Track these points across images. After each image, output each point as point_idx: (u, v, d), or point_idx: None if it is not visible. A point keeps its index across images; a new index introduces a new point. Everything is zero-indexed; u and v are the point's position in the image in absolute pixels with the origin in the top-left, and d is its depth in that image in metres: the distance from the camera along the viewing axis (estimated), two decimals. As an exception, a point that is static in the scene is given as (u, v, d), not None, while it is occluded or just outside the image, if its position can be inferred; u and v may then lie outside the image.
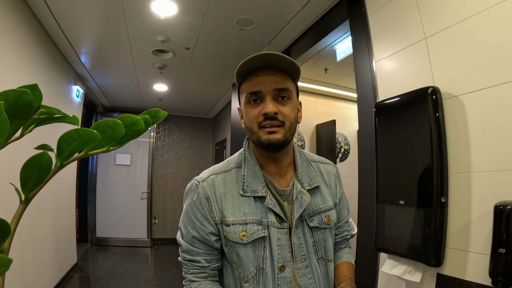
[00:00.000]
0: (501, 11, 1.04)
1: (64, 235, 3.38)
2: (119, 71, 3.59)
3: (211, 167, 0.84)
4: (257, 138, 0.74)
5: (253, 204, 0.75)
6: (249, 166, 0.79)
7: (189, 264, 0.78)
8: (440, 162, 1.18)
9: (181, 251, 0.80)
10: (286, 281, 0.73)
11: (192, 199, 0.78)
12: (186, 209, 0.80)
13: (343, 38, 2.62)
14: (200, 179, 0.79)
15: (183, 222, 0.80)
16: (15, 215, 0.31)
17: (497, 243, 0.94)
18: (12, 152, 1.88)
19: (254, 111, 0.74)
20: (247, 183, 0.76)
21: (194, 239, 0.77)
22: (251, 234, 0.72)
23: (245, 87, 0.76)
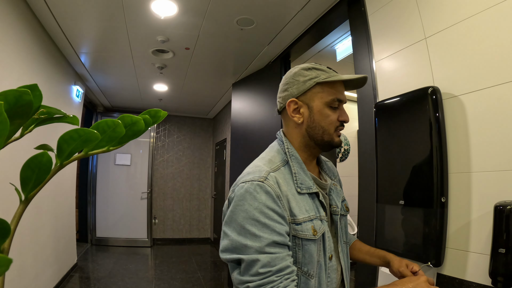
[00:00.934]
0: (501, 11, 1.04)
1: (64, 235, 3.38)
2: (119, 71, 3.59)
3: (257, 166, 0.77)
4: (331, 138, 0.82)
5: (309, 200, 0.78)
6: (295, 163, 0.81)
7: (275, 278, 0.65)
8: (440, 162, 1.18)
9: (261, 267, 0.65)
10: (333, 269, 0.79)
11: (258, 201, 0.69)
12: (251, 215, 0.68)
13: (343, 38, 2.62)
14: (262, 178, 0.72)
15: (248, 234, 0.67)
16: (15, 215, 0.31)
17: (497, 243, 0.94)
18: (12, 152, 1.88)
19: (334, 115, 0.81)
20: (300, 180, 0.78)
21: (274, 244, 0.67)
22: (319, 230, 0.75)
23: (332, 91, 0.81)
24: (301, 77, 0.82)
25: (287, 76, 0.86)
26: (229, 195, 0.76)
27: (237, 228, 0.69)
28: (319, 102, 0.80)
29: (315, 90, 0.81)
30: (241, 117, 3.36)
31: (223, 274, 4.00)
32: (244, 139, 3.25)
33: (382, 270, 1.41)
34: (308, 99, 0.81)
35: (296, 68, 0.84)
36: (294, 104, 0.82)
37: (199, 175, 6.09)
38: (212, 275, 3.98)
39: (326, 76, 0.80)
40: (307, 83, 0.81)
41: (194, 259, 4.69)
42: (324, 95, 0.80)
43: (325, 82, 0.80)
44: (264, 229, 0.67)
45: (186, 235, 5.89)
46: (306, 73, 0.81)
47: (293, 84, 0.82)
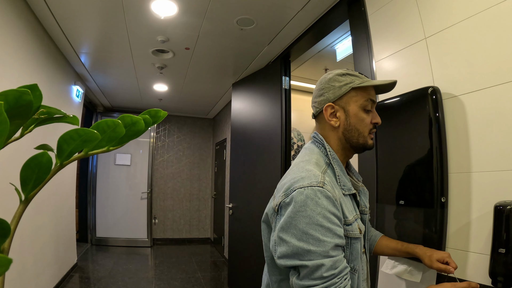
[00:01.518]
0: (501, 11, 1.04)
1: (64, 235, 3.38)
2: (119, 71, 3.59)
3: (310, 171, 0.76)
4: (365, 141, 0.86)
5: (350, 201, 0.83)
6: (337, 166, 0.84)
7: (337, 280, 0.68)
8: (440, 162, 1.18)
9: (325, 271, 0.67)
10: (364, 262, 0.87)
11: (321, 206, 0.70)
12: (314, 221, 0.68)
13: (343, 38, 2.62)
14: (321, 183, 0.72)
15: (311, 239, 0.68)
16: (15, 215, 0.31)
17: (497, 243, 0.94)
18: (12, 152, 1.88)
19: (368, 118, 0.86)
20: (342, 182, 0.82)
21: (335, 247, 0.70)
22: (361, 228, 0.82)
23: (365, 95, 0.86)
24: (336, 83, 0.86)
25: (322, 81, 0.90)
26: (281, 200, 0.75)
27: (297, 234, 0.69)
28: (355, 105, 0.85)
29: (350, 95, 0.85)
30: (241, 117, 3.36)
31: (223, 274, 4.01)
32: (244, 139, 3.25)
33: (382, 270, 1.41)
34: (344, 103, 0.86)
35: (331, 74, 0.89)
36: (331, 108, 0.86)
37: (199, 175, 6.09)
38: (212, 275, 3.98)
39: (360, 81, 0.84)
40: (343, 88, 0.85)
41: (194, 259, 4.69)
42: (359, 99, 0.85)
43: (359, 87, 0.85)
44: (328, 233, 0.69)
45: (186, 235, 5.89)
46: (341, 79, 0.86)
47: (329, 89, 0.87)
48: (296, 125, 3.80)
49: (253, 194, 2.96)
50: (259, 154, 2.95)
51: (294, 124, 3.76)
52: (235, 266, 3.25)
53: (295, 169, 0.80)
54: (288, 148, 2.68)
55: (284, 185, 0.77)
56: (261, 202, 2.82)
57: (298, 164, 0.82)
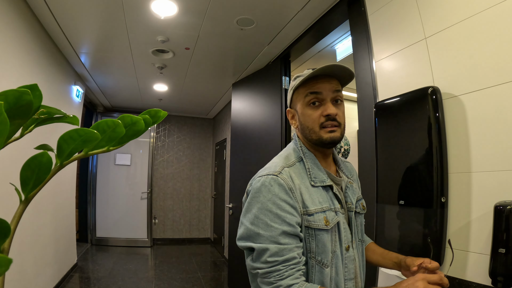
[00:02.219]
0: (501, 11, 1.04)
1: (64, 235, 3.38)
2: (119, 71, 3.59)
3: (274, 162, 0.84)
4: (318, 137, 0.83)
5: (323, 193, 0.82)
6: (309, 159, 0.86)
7: (281, 267, 0.71)
8: (440, 162, 1.18)
9: (269, 256, 0.71)
10: (350, 260, 0.83)
11: (272, 193, 0.75)
12: (265, 206, 0.74)
13: (343, 38, 2.62)
14: (275, 172, 0.78)
15: (261, 223, 0.73)
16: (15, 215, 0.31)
17: (497, 243, 0.94)
18: (12, 152, 1.88)
19: (315, 113, 0.84)
20: (313, 174, 0.83)
21: (284, 234, 0.73)
22: (331, 220, 0.80)
23: (304, 90, 0.85)
24: (289, 89, 0.91)
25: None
26: (247, 188, 0.83)
27: (251, 218, 0.75)
28: (300, 105, 0.87)
29: (295, 96, 0.89)
30: (241, 117, 3.36)
31: (223, 274, 4.00)
32: (244, 139, 3.25)
33: (382, 270, 1.41)
34: (294, 105, 0.90)
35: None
36: (289, 113, 0.93)
37: (199, 175, 6.09)
38: (212, 275, 3.98)
39: (300, 81, 0.84)
40: (290, 93, 0.91)
41: (194, 259, 4.69)
42: (301, 97, 0.86)
43: (300, 86, 0.86)
44: (276, 219, 0.73)
45: (186, 235, 5.89)
46: (292, 84, 0.89)
47: (288, 96, 0.93)
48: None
49: (253, 194, 2.96)
50: (259, 154, 2.95)
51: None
52: (235, 266, 3.25)
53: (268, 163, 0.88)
54: (288, 148, 2.67)
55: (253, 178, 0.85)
56: (261, 202, 2.81)
57: (272, 159, 0.89)
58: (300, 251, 0.75)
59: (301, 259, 0.74)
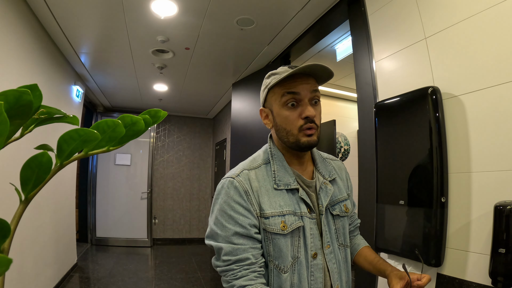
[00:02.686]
0: (501, 11, 1.04)
1: (64, 235, 3.38)
2: (119, 71, 3.59)
3: (238, 165, 0.85)
4: (296, 140, 0.80)
5: (286, 196, 0.80)
6: (277, 161, 0.84)
7: (235, 267, 0.72)
8: (440, 162, 1.18)
9: (223, 255, 0.73)
10: (318, 268, 0.79)
11: (228, 195, 0.77)
12: (221, 208, 0.77)
13: (343, 38, 2.62)
14: (234, 175, 0.79)
15: (218, 224, 0.76)
16: (15, 215, 0.31)
17: (497, 243, 0.94)
18: (12, 152, 1.88)
19: (293, 114, 0.79)
20: (278, 177, 0.81)
21: (237, 235, 0.74)
22: (290, 225, 0.77)
23: (280, 90, 0.80)
24: (262, 87, 0.86)
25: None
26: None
27: (213, 218, 0.78)
28: (276, 105, 0.82)
29: (270, 96, 0.84)
30: (241, 117, 3.36)
31: (223, 274, 4.00)
32: (244, 139, 3.25)
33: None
34: (269, 105, 0.85)
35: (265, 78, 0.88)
36: (263, 112, 0.87)
37: (199, 175, 6.09)
38: (212, 275, 3.98)
39: (276, 79, 0.79)
40: (264, 92, 0.85)
41: (194, 259, 4.69)
42: (277, 97, 0.81)
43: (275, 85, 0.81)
44: (230, 220, 0.75)
45: (186, 235, 5.89)
46: (265, 82, 0.84)
47: (260, 94, 0.88)
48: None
49: (253, 194, 2.96)
50: (259, 154, 2.94)
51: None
52: (235, 266, 3.25)
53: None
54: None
55: None
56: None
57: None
58: (255, 252, 0.75)
59: (257, 261, 0.74)
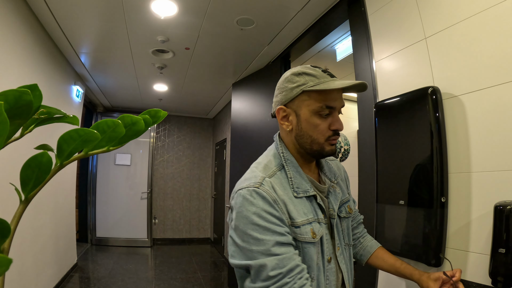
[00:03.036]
0: (501, 11, 1.04)
1: (64, 235, 3.38)
2: (119, 71, 3.59)
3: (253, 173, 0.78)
4: (320, 148, 0.78)
5: (306, 203, 0.78)
6: (291, 167, 0.80)
7: (288, 279, 0.65)
8: (440, 162, 1.18)
9: (270, 270, 0.65)
10: (332, 271, 0.79)
11: (256, 206, 0.70)
12: (251, 221, 0.69)
13: (343, 38, 2.62)
14: (256, 184, 0.73)
15: (250, 239, 0.68)
16: (15, 215, 0.31)
17: (497, 243, 0.94)
18: (12, 152, 1.88)
19: (323, 124, 0.77)
20: (296, 184, 0.78)
21: (277, 245, 0.68)
22: (317, 232, 0.76)
23: (320, 98, 0.76)
24: (289, 84, 0.79)
25: (280, 81, 0.84)
26: (230, 202, 0.77)
27: (240, 234, 0.70)
28: (306, 110, 0.77)
29: (302, 98, 0.78)
30: (241, 117, 3.36)
31: (223, 274, 4.00)
32: (244, 139, 3.25)
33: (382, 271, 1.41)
34: (295, 106, 0.79)
35: (288, 73, 0.82)
36: (282, 111, 0.81)
37: (199, 175, 6.09)
38: (212, 275, 3.98)
39: (315, 83, 0.75)
40: (294, 91, 0.78)
41: (194, 259, 4.69)
42: (311, 103, 0.77)
43: (314, 90, 0.76)
44: (266, 232, 0.68)
45: (186, 235, 5.89)
46: (295, 79, 0.79)
47: (282, 90, 0.81)
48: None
49: (253, 194, 2.96)
50: (259, 154, 2.94)
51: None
52: (235, 266, 3.25)
53: (246, 172, 0.81)
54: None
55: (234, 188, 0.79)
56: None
57: (251, 166, 0.83)
58: (300, 258, 0.70)
59: (304, 266, 0.70)
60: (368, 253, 1.00)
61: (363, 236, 1.04)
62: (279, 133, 0.88)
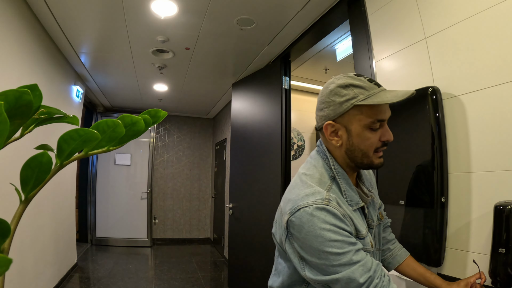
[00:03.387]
0: (501, 11, 1.04)
1: (64, 235, 3.38)
2: (119, 71, 3.59)
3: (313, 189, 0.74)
4: (370, 161, 0.78)
5: (360, 215, 0.79)
6: (343, 180, 0.80)
7: (377, 280, 0.68)
8: (440, 162, 1.18)
9: (360, 276, 0.66)
10: None
11: (329, 223, 0.69)
12: (327, 238, 0.68)
13: (343, 38, 2.62)
14: (325, 201, 0.71)
15: (330, 256, 0.67)
16: (15, 215, 0.31)
17: (497, 243, 0.94)
18: (12, 152, 1.88)
19: (374, 137, 0.77)
20: (349, 197, 0.78)
21: (357, 252, 0.69)
22: (372, 241, 0.80)
23: (371, 113, 0.75)
24: (337, 97, 0.76)
25: (324, 93, 0.80)
26: (288, 218, 0.73)
27: (316, 253, 0.69)
28: (358, 125, 0.75)
29: (353, 113, 0.75)
30: (241, 117, 3.36)
31: (223, 274, 4.01)
32: (244, 139, 3.25)
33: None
34: (345, 121, 0.77)
35: (333, 85, 0.78)
36: (331, 127, 0.78)
37: (199, 175, 6.09)
38: (212, 275, 3.98)
39: (365, 96, 0.73)
40: (344, 105, 0.75)
41: (194, 259, 4.69)
42: (363, 118, 0.75)
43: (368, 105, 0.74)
44: (344, 245, 0.68)
45: (186, 235, 5.89)
46: (343, 92, 0.75)
47: (330, 104, 0.77)
48: (296, 125, 3.80)
49: (253, 194, 2.96)
50: (259, 154, 2.95)
51: (294, 124, 3.76)
52: (235, 266, 3.25)
53: (299, 184, 0.78)
54: (288, 148, 2.68)
55: (289, 201, 0.76)
56: (261, 202, 2.82)
57: (302, 179, 0.79)
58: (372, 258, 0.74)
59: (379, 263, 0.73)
60: (397, 262, 1.02)
61: (392, 243, 1.06)
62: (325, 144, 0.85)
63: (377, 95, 0.73)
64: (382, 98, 0.72)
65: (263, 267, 2.69)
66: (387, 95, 0.73)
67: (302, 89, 3.85)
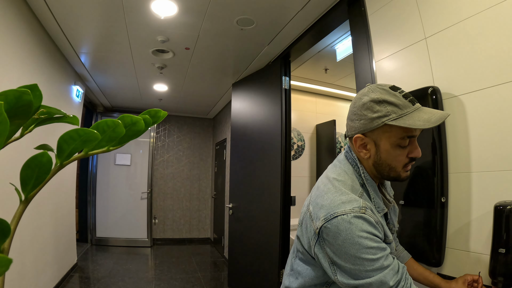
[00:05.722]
0: (501, 11, 1.04)
1: (64, 235, 3.38)
2: (119, 71, 3.59)
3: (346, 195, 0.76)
4: (397, 175, 0.81)
5: (383, 221, 0.83)
6: (371, 188, 0.82)
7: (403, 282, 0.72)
8: (440, 162, 1.18)
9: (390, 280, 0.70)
10: None
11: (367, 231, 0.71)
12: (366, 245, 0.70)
13: (343, 38, 2.62)
14: (362, 209, 0.73)
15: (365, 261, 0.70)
16: (15, 215, 0.31)
17: (497, 243, 0.94)
18: (12, 152, 1.88)
19: (403, 154, 0.79)
20: (377, 204, 0.82)
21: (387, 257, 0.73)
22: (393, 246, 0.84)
23: (400, 132, 0.76)
24: (369, 113, 0.77)
25: (357, 105, 0.80)
26: (322, 225, 0.74)
27: (351, 259, 0.71)
28: (387, 141, 0.77)
29: (383, 129, 0.77)
30: (241, 117, 3.36)
31: (223, 274, 4.01)
32: (244, 139, 3.25)
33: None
34: (375, 136, 0.78)
35: (366, 97, 0.78)
36: (360, 140, 0.80)
37: (199, 175, 6.09)
38: (212, 275, 3.98)
39: (397, 115, 0.74)
40: (375, 122, 0.76)
41: (194, 259, 4.69)
42: (392, 135, 0.77)
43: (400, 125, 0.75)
44: (377, 251, 0.71)
45: (186, 235, 5.89)
46: (376, 108, 0.76)
47: (361, 118, 0.78)
48: (296, 125, 3.80)
49: (253, 194, 2.96)
50: (259, 154, 2.95)
51: (294, 124, 3.76)
52: (235, 266, 3.25)
53: (333, 190, 0.78)
54: (288, 148, 2.68)
55: (322, 207, 0.76)
56: (261, 202, 2.82)
57: (335, 184, 0.80)
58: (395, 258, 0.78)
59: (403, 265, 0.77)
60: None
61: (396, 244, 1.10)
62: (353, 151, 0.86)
63: (410, 116, 0.74)
64: (414, 121, 0.73)
65: (263, 267, 2.69)
66: (421, 117, 0.74)
67: (302, 89, 3.85)
